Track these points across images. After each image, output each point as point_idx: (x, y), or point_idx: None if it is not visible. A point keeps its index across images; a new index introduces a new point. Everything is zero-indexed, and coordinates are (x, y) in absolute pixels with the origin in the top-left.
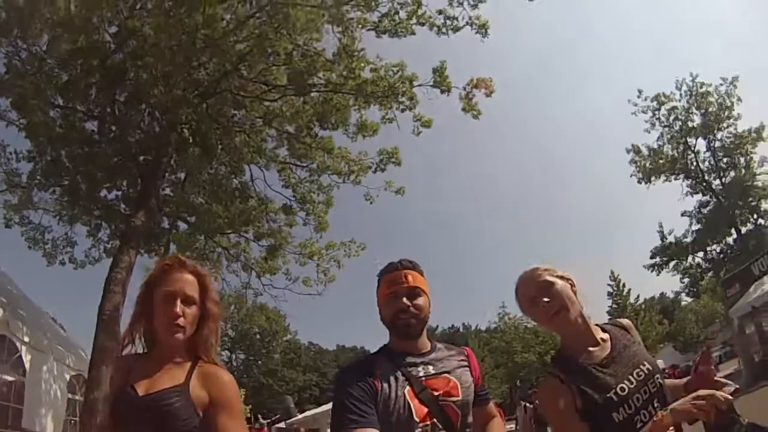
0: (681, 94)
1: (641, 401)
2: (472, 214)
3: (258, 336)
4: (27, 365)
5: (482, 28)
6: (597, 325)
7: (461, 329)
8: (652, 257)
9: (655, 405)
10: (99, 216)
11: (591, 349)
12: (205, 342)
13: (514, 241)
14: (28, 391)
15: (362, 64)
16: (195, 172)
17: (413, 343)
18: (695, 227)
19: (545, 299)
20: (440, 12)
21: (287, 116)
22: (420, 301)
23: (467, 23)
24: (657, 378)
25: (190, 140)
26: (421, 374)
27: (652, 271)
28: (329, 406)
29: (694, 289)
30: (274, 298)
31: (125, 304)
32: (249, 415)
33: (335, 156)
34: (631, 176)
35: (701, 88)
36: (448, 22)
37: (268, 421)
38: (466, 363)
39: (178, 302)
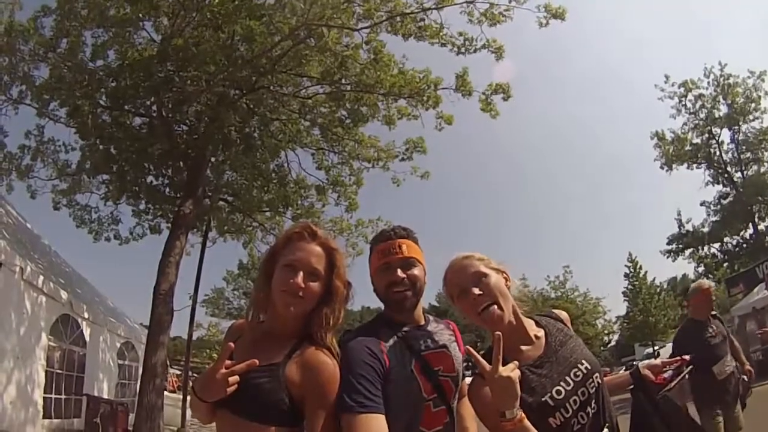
0: (709, 83)
1: (578, 403)
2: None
3: None
4: (87, 338)
5: (498, 51)
6: (532, 318)
7: None
8: (668, 243)
9: (593, 406)
10: (146, 200)
11: (523, 348)
12: (323, 321)
13: (533, 223)
14: (88, 361)
15: (390, 73)
16: (238, 166)
17: (411, 315)
18: (713, 218)
19: (476, 291)
20: (460, 34)
21: (320, 111)
22: (415, 272)
23: (484, 45)
24: (596, 377)
25: (236, 141)
26: (423, 348)
27: (668, 257)
28: None
29: (712, 276)
30: None
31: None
32: None
33: (365, 145)
34: (654, 160)
35: (729, 78)
36: (467, 43)
37: None
38: (454, 338)
39: (301, 274)
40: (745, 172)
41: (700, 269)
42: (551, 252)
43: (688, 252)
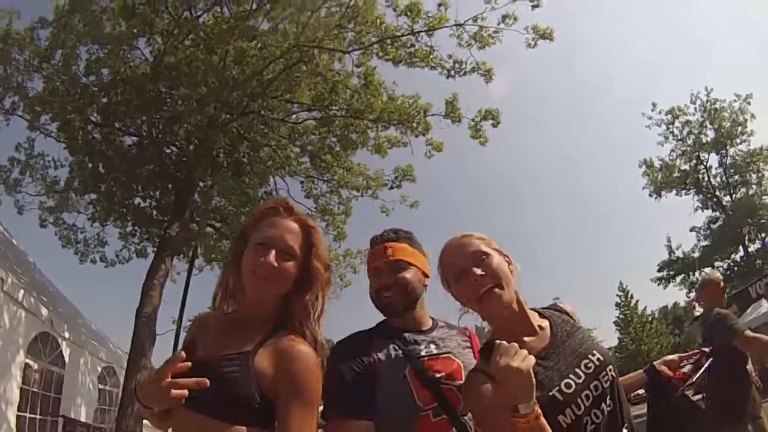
0: (695, 108)
1: (591, 399)
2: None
3: None
4: (67, 359)
5: (487, 73)
6: (535, 310)
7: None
8: (659, 270)
9: (608, 403)
10: (133, 222)
11: (526, 339)
12: (302, 308)
13: (522, 246)
14: (67, 382)
15: (380, 98)
16: (226, 191)
17: (410, 320)
18: (703, 243)
19: (478, 271)
20: (450, 56)
21: (310, 136)
22: (405, 275)
23: (474, 68)
24: (610, 370)
25: (224, 163)
26: (423, 353)
27: (659, 285)
28: None
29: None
30: None
31: (161, 306)
32: None
33: (354, 173)
34: (643, 188)
35: (715, 103)
36: (457, 66)
37: None
38: (468, 344)
39: (273, 252)
40: (733, 195)
41: (692, 295)
42: (542, 283)
43: (678, 278)
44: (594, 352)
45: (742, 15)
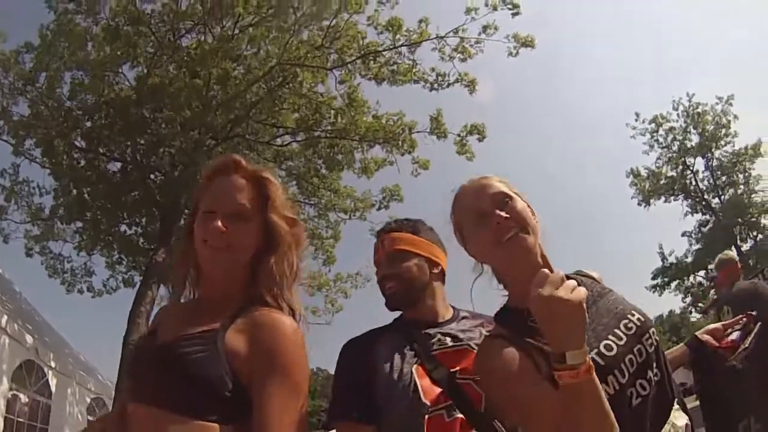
0: (678, 114)
1: (635, 365)
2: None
3: None
4: (53, 388)
5: (471, 84)
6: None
7: None
8: (653, 278)
9: (654, 372)
10: (119, 250)
11: None
12: (267, 275)
13: None
14: (53, 412)
15: (364, 116)
16: None
17: (425, 312)
18: (695, 247)
19: (502, 214)
20: (433, 70)
21: (296, 159)
22: (405, 264)
23: (457, 80)
24: (653, 333)
25: None
26: (435, 347)
27: (654, 293)
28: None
29: (700, 306)
30: None
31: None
32: None
33: (341, 195)
34: (632, 198)
35: (697, 107)
36: (440, 78)
37: None
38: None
39: (220, 215)
40: (722, 197)
41: (687, 300)
42: None
43: (673, 285)
44: (633, 312)
45: (719, 17)
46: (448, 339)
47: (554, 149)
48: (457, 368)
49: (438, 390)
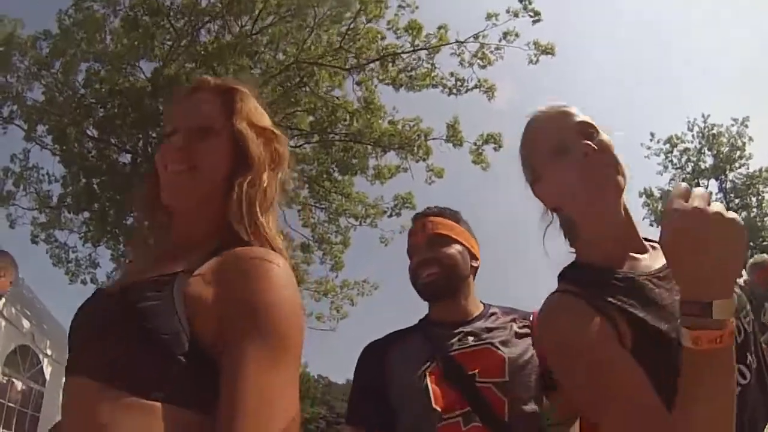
0: (693, 135)
1: (736, 345)
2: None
3: None
4: (47, 376)
5: (489, 90)
6: None
7: None
8: None
9: (752, 356)
10: (125, 243)
11: (636, 255)
12: (237, 202)
13: (520, 285)
14: (46, 401)
15: (380, 120)
16: None
17: (455, 310)
18: None
19: (591, 144)
20: (452, 74)
21: (309, 161)
22: (447, 250)
23: (476, 86)
24: (749, 310)
25: None
26: (455, 347)
27: None
28: None
29: None
30: None
31: None
32: None
33: (353, 200)
34: (643, 219)
35: (712, 129)
36: (458, 83)
37: None
38: (529, 331)
39: (179, 135)
40: None
41: None
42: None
43: None
44: None
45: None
46: (471, 338)
47: None
48: (477, 370)
49: (454, 395)
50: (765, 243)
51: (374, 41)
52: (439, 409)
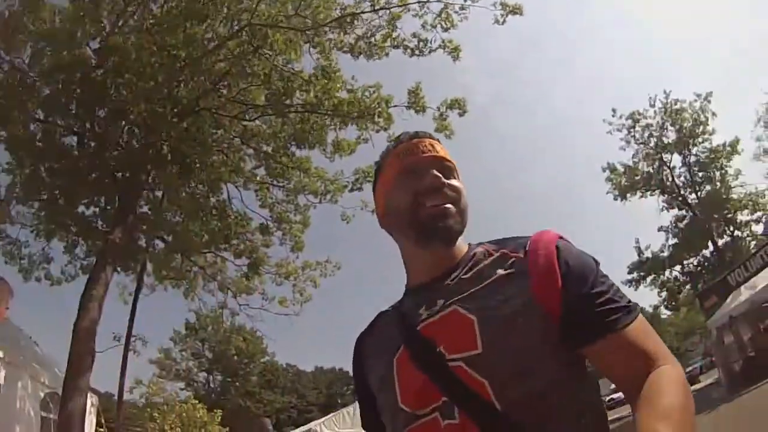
0: (655, 111)
1: None
2: None
3: (235, 357)
4: (1, 380)
5: (454, 51)
6: None
7: None
8: (629, 272)
9: None
10: (76, 232)
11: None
12: None
13: None
14: (0, 406)
15: (338, 85)
16: (172, 191)
17: (440, 259)
18: (672, 242)
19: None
20: (414, 35)
21: (265, 136)
22: (456, 183)
23: (440, 46)
24: None
25: (168, 158)
26: (423, 317)
27: (629, 287)
28: (306, 427)
29: (673, 302)
30: (251, 318)
31: (101, 320)
32: None
33: (312, 175)
34: (607, 193)
35: (675, 104)
36: (421, 44)
37: None
38: (521, 267)
39: None
40: (699, 193)
41: (663, 295)
42: None
43: (649, 279)
44: None
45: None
46: (440, 300)
47: (529, 143)
48: (443, 345)
49: (425, 384)
50: (729, 215)
51: (332, 2)
52: (406, 408)
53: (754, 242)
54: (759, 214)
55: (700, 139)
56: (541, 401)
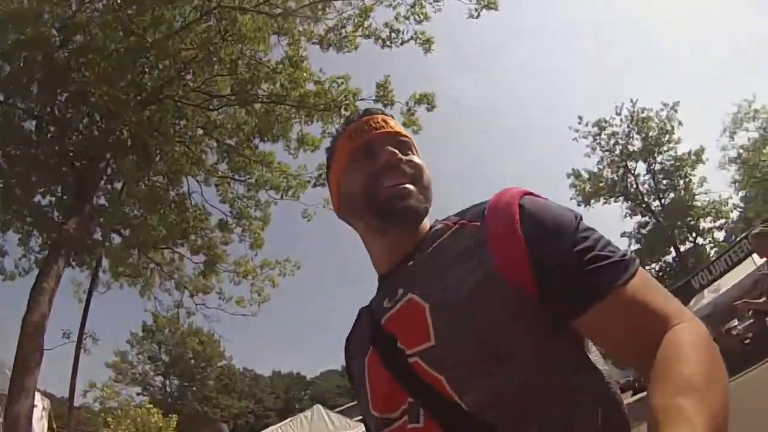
0: (621, 119)
1: None
2: None
3: (192, 361)
4: None
5: (426, 43)
6: None
7: None
8: None
9: None
10: (31, 223)
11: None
12: None
13: None
14: None
15: (305, 74)
16: (132, 181)
17: (403, 242)
18: (634, 247)
19: (396, 151)
20: (386, 25)
21: (228, 128)
22: (416, 159)
23: (412, 38)
24: None
25: (129, 144)
26: (386, 310)
27: None
28: None
29: None
30: (207, 318)
31: (51, 315)
32: None
33: (274, 170)
34: (570, 199)
35: (642, 113)
36: (394, 35)
37: None
38: (472, 241)
39: None
40: (663, 200)
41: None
42: None
43: None
44: None
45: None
46: (401, 288)
47: (494, 144)
48: (402, 339)
49: (391, 384)
50: (692, 222)
51: None
52: (375, 412)
53: (715, 249)
54: (722, 221)
55: (665, 148)
56: (518, 396)
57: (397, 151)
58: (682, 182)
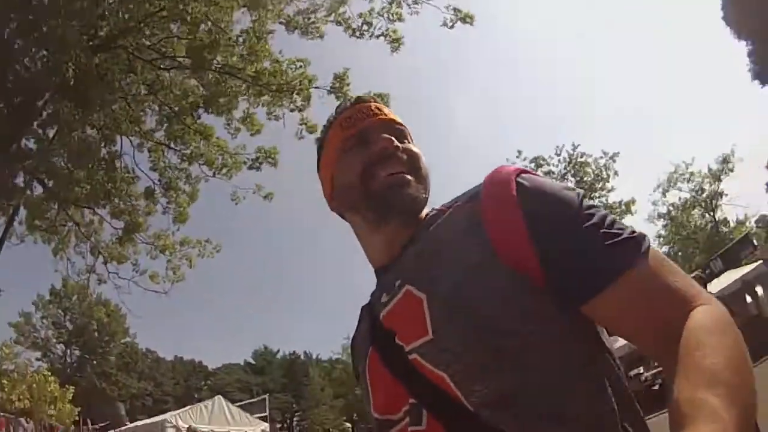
0: (560, 160)
1: None
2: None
3: (96, 333)
4: None
5: (395, 42)
6: None
7: (302, 357)
8: None
9: None
10: None
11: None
12: None
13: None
14: None
15: (266, 49)
16: (66, 129)
17: (400, 232)
18: None
19: (392, 139)
20: (360, 15)
21: (174, 93)
22: (413, 148)
23: (383, 33)
24: None
25: (71, 85)
26: (384, 305)
27: None
28: (160, 417)
29: None
30: (118, 289)
31: None
32: (78, 418)
33: (212, 145)
34: None
35: (581, 157)
36: (365, 27)
37: (96, 427)
38: (468, 223)
39: None
40: None
41: None
42: None
43: None
44: None
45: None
46: (397, 281)
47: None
48: (399, 334)
49: (393, 384)
50: None
51: None
52: (377, 414)
53: None
54: None
55: (597, 194)
56: (528, 396)
57: (393, 138)
58: None
